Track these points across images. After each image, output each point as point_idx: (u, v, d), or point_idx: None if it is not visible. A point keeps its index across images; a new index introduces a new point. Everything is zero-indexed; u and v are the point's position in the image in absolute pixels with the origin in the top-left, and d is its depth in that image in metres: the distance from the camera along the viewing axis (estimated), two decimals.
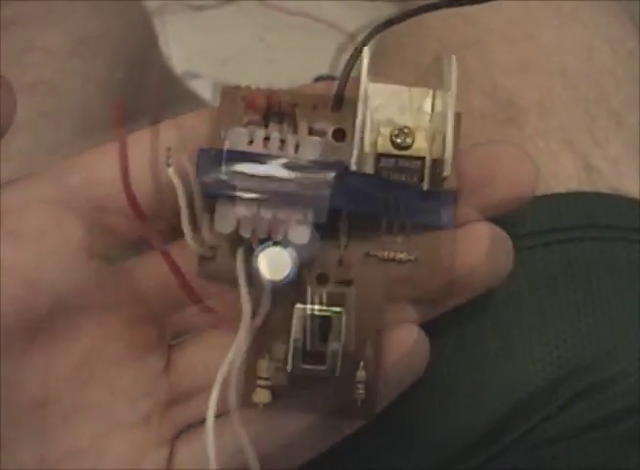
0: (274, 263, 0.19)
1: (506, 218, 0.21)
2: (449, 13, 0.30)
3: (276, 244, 0.19)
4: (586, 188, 0.26)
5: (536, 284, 0.24)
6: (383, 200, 0.19)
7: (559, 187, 0.26)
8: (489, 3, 0.19)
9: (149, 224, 0.19)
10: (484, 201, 0.20)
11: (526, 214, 0.25)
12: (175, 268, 0.19)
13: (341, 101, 0.20)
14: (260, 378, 0.20)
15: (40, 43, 0.32)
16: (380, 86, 0.20)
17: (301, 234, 0.19)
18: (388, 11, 0.84)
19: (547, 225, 0.25)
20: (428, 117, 0.20)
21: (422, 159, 0.20)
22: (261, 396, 0.20)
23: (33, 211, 0.19)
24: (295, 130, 0.20)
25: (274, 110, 0.20)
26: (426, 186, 0.20)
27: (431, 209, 0.20)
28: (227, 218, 0.19)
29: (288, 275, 0.19)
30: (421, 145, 0.20)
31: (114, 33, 0.36)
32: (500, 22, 0.30)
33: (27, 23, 0.33)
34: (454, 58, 0.19)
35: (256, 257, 0.19)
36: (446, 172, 0.19)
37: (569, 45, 0.29)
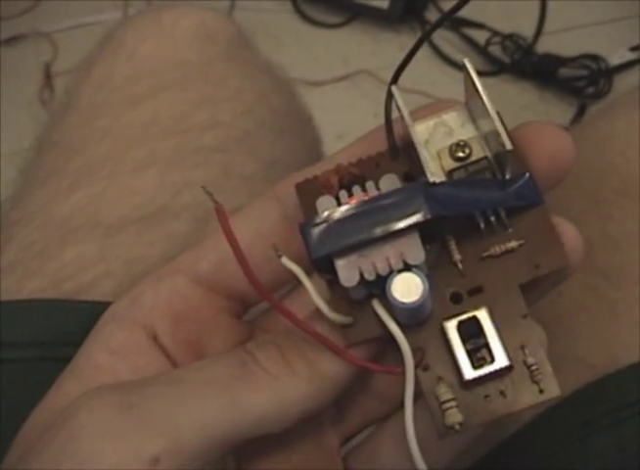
0: (407, 288, 0.20)
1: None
2: (628, 147, 0.33)
3: (400, 272, 0.20)
4: None
5: None
6: (472, 199, 0.21)
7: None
8: None
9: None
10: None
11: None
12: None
13: (396, 151, 0.22)
14: (446, 401, 0.20)
15: (237, 169, 0.35)
16: (420, 125, 0.22)
17: (416, 252, 0.20)
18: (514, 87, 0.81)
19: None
20: (473, 127, 0.22)
21: (485, 158, 0.21)
22: (453, 417, 0.20)
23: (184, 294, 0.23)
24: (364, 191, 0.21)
25: (344, 182, 0.22)
26: (500, 176, 0.21)
27: (515, 193, 0.21)
28: (349, 271, 0.20)
29: (423, 294, 0.20)
30: (478, 149, 0.21)
31: (297, 155, 0.39)
32: None
33: (227, 150, 0.35)
34: (467, 61, 0.21)
35: (389, 286, 0.20)
36: (508, 146, 0.20)
37: None
